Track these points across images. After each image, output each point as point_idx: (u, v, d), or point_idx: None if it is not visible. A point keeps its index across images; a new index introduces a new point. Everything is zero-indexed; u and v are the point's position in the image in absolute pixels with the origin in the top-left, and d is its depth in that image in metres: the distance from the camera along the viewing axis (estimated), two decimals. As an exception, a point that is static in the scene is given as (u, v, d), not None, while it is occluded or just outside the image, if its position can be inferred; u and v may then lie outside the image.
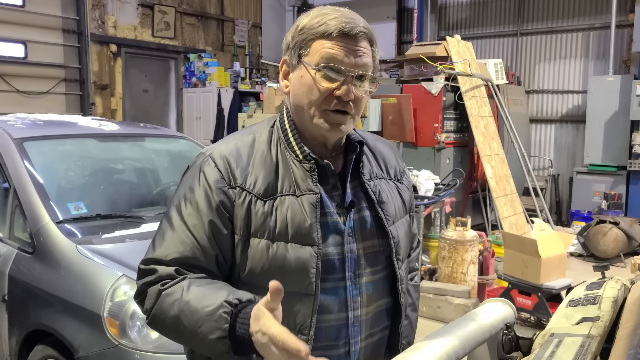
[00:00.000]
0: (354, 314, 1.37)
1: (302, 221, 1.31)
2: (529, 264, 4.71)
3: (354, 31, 1.30)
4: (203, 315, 1.21)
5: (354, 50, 1.30)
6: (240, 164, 1.34)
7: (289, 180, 1.34)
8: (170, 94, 10.84)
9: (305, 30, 1.33)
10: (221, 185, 1.32)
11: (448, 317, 4.92)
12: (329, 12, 1.33)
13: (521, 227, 6.82)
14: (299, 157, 1.36)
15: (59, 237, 2.88)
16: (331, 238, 1.35)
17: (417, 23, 10.17)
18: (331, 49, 1.29)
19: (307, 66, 1.32)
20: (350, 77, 1.30)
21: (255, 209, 1.31)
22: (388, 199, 1.46)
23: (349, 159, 1.42)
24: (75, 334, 2.61)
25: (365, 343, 1.41)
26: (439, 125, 7.21)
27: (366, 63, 1.32)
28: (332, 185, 1.39)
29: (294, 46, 1.35)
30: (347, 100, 1.31)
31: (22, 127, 3.61)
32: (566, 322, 1.23)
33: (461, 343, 1.42)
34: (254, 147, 1.38)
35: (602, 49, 9.11)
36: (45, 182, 3.20)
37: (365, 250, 1.40)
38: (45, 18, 8.47)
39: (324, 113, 1.32)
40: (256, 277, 1.31)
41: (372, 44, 1.36)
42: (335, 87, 1.30)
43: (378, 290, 1.42)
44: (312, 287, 1.30)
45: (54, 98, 8.63)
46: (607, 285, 1.37)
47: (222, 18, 11.62)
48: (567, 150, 9.60)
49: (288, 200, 1.33)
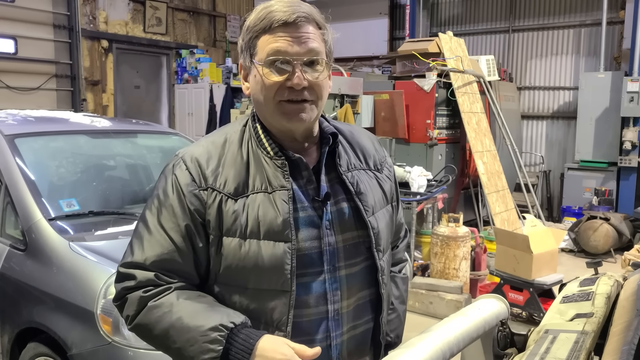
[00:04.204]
0: (334, 307, 1.37)
1: (274, 218, 1.31)
2: (520, 259, 4.73)
3: (292, 18, 1.29)
4: (196, 334, 1.23)
5: (297, 38, 1.30)
6: (210, 165, 1.35)
7: (261, 178, 1.34)
8: (162, 90, 10.79)
9: (250, 29, 1.34)
10: (192, 189, 1.33)
11: (440, 312, 4.94)
12: (271, 4, 1.33)
13: (513, 223, 6.85)
14: (269, 153, 1.36)
15: (51, 234, 2.87)
16: (307, 232, 1.35)
17: (409, 19, 10.18)
18: (274, 42, 1.30)
19: (257, 65, 1.33)
20: (299, 65, 1.30)
21: (226, 208, 1.31)
22: (367, 190, 1.45)
23: (323, 152, 1.41)
24: (68, 331, 2.60)
25: (348, 336, 1.40)
26: (431, 122, 7.22)
27: (313, 48, 1.31)
28: (307, 179, 1.38)
29: (245, 48, 1.37)
30: (301, 89, 1.30)
31: (13, 124, 3.59)
32: (560, 319, 1.23)
33: (455, 339, 1.43)
34: (225, 147, 1.38)
35: (593, 45, 9.15)
36: (37, 179, 3.18)
37: (345, 242, 1.40)
38: (36, 13, 8.40)
39: (280, 105, 1.33)
40: (231, 277, 1.32)
41: (319, 26, 1.35)
42: (285, 78, 1.30)
43: (359, 282, 1.42)
44: (288, 284, 1.30)
45: (45, 94, 8.57)
46: (600, 282, 1.38)
47: (214, 14, 11.58)
48: (558, 147, 9.64)
49: (259, 198, 1.32)
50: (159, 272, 1.32)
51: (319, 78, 1.33)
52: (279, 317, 1.31)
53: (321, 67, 1.34)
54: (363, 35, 10.90)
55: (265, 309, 1.31)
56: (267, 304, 1.31)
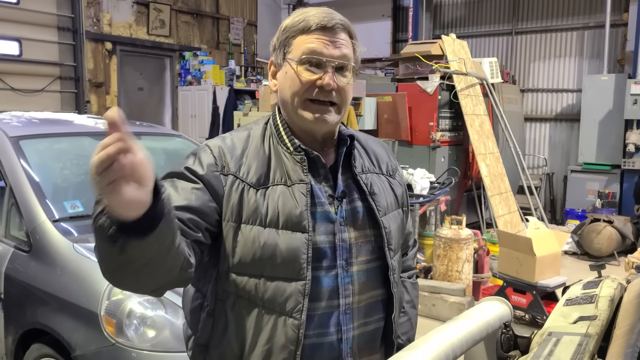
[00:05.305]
0: (346, 301, 1.39)
1: (293, 208, 1.35)
2: (523, 262, 4.73)
3: (331, 23, 1.37)
4: None
5: (333, 42, 1.37)
6: (234, 156, 1.39)
7: (281, 172, 1.39)
8: (165, 92, 10.81)
9: (287, 29, 1.41)
10: (213, 169, 1.36)
11: (443, 315, 4.93)
12: (308, 10, 1.41)
13: (516, 226, 6.84)
14: (289, 149, 1.41)
15: (55, 236, 2.88)
16: (322, 227, 1.38)
17: (412, 21, 10.19)
18: (311, 42, 1.36)
19: (290, 62, 1.38)
20: (331, 67, 1.36)
21: (247, 196, 1.35)
22: (380, 191, 1.49)
23: (340, 153, 1.46)
24: (72, 333, 2.61)
25: (359, 332, 1.43)
26: (434, 124, 7.23)
27: (345, 54, 1.39)
28: (323, 176, 1.43)
29: (279, 46, 1.43)
30: (330, 90, 1.36)
31: (18, 126, 3.61)
32: (564, 321, 1.24)
33: (459, 341, 1.43)
34: (249, 141, 1.44)
35: (597, 48, 9.14)
36: (41, 181, 3.19)
37: (357, 240, 1.43)
38: (40, 15, 8.43)
39: (307, 103, 1.38)
40: (247, 264, 1.35)
41: (351, 36, 1.43)
42: (317, 77, 1.36)
43: (370, 280, 1.45)
44: (304, 272, 1.33)
45: (49, 96, 8.60)
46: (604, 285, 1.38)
47: (217, 16, 11.60)
48: (561, 149, 9.63)
49: (279, 190, 1.37)
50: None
51: (347, 83, 1.40)
52: (294, 305, 1.33)
53: (349, 73, 1.40)
54: (366, 37, 10.85)
55: (280, 297, 1.33)
56: (283, 292, 1.33)
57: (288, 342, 1.33)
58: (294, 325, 1.32)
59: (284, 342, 1.33)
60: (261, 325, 1.35)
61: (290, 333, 1.33)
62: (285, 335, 1.33)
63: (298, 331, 1.32)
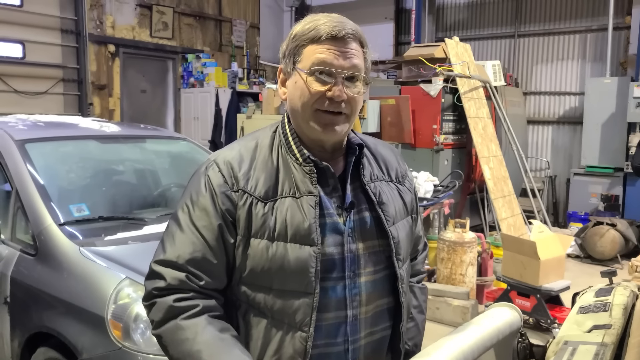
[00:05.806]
0: (353, 312, 1.39)
1: (301, 222, 1.34)
2: (527, 265, 4.72)
3: (342, 33, 1.35)
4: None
5: (343, 52, 1.35)
6: (242, 168, 1.39)
7: (289, 183, 1.38)
8: (168, 94, 10.81)
9: (297, 37, 1.38)
10: (224, 190, 1.36)
11: (447, 318, 4.93)
12: (319, 18, 1.38)
13: (519, 229, 6.84)
14: (298, 160, 1.40)
15: (61, 239, 2.88)
16: (331, 238, 1.38)
17: (415, 24, 10.18)
18: (321, 53, 1.34)
19: (300, 72, 1.37)
20: (341, 78, 1.35)
21: (255, 210, 1.35)
22: (388, 200, 1.48)
23: (349, 161, 1.45)
24: (78, 336, 2.60)
25: (366, 341, 1.43)
26: (437, 127, 7.23)
27: (356, 64, 1.37)
28: (332, 187, 1.42)
29: (288, 54, 1.41)
30: (340, 101, 1.35)
31: (23, 129, 3.61)
32: (578, 330, 1.23)
33: (470, 348, 1.43)
34: (257, 151, 1.43)
35: (599, 51, 9.14)
36: (47, 184, 3.19)
37: (366, 250, 1.43)
38: (44, 18, 8.43)
39: (317, 114, 1.37)
40: (257, 277, 1.36)
41: (363, 45, 1.41)
42: (326, 89, 1.35)
43: (378, 290, 1.44)
44: (312, 286, 1.33)
45: (52, 98, 8.60)
46: (616, 292, 1.38)
47: (220, 18, 11.61)
48: (564, 152, 9.62)
49: (288, 202, 1.36)
50: (190, 271, 1.34)
51: (358, 94, 1.38)
52: (302, 318, 1.33)
53: (360, 83, 1.38)
54: (368, 39, 10.81)
55: (289, 310, 1.34)
56: (291, 305, 1.34)
57: (296, 354, 1.34)
58: (302, 337, 1.33)
59: (291, 354, 1.34)
60: (270, 336, 1.36)
61: (298, 345, 1.34)
62: (293, 348, 1.34)
63: (306, 343, 1.33)
